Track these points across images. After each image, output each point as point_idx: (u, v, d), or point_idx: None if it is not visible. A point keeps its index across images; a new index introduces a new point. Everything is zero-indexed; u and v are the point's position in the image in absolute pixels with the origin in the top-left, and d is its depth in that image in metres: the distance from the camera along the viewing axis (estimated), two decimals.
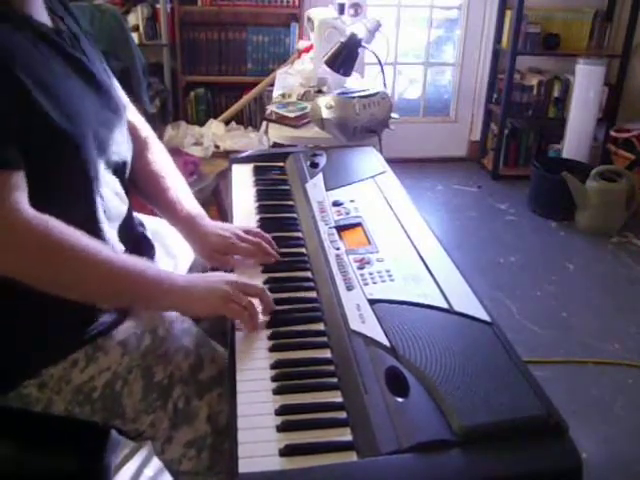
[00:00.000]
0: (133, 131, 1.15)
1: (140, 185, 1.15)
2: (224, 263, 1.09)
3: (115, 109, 1.03)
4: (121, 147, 1.03)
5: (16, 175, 0.81)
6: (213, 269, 1.18)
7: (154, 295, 0.90)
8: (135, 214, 1.20)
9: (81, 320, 0.93)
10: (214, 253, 1.08)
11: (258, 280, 1.00)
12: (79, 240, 0.84)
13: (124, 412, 0.94)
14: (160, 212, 1.15)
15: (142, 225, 1.17)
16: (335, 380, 0.79)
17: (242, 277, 0.96)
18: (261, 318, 0.90)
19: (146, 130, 1.20)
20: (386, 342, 0.80)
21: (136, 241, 1.10)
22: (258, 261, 1.05)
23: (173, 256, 1.22)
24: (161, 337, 0.97)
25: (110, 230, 0.99)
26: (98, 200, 0.95)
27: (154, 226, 1.22)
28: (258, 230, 1.11)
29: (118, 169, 1.02)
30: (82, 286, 0.87)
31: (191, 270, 1.23)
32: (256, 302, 0.91)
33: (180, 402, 0.93)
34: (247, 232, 1.09)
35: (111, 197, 1.00)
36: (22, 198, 0.81)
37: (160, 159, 1.18)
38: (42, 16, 0.94)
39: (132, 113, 1.18)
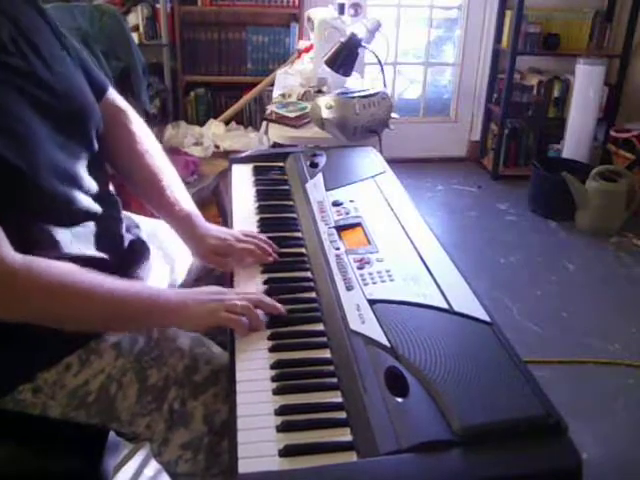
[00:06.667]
0: (121, 119, 1.12)
1: (135, 180, 1.12)
2: (222, 265, 1.08)
3: (79, 121, 0.96)
4: (89, 164, 0.98)
5: None
6: (210, 270, 1.18)
7: (153, 314, 0.89)
8: (131, 215, 1.19)
9: None
10: (211, 254, 1.08)
11: (258, 280, 1.00)
12: (67, 276, 0.84)
13: (119, 415, 0.93)
14: (156, 210, 1.13)
15: (137, 227, 1.16)
16: (335, 380, 0.79)
17: (234, 289, 0.96)
18: (262, 317, 0.90)
19: (135, 119, 1.15)
20: (386, 342, 0.80)
21: (129, 244, 1.08)
22: (256, 260, 1.05)
23: (170, 259, 1.21)
24: (155, 339, 0.96)
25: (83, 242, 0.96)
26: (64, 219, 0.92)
27: (151, 228, 1.21)
28: (256, 234, 1.11)
29: (89, 187, 0.98)
30: (78, 319, 0.87)
31: (189, 274, 1.23)
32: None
33: (175, 404, 0.92)
34: (245, 235, 1.09)
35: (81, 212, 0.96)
36: (3, 246, 0.80)
37: (153, 151, 1.13)
38: None
39: (118, 99, 1.14)
